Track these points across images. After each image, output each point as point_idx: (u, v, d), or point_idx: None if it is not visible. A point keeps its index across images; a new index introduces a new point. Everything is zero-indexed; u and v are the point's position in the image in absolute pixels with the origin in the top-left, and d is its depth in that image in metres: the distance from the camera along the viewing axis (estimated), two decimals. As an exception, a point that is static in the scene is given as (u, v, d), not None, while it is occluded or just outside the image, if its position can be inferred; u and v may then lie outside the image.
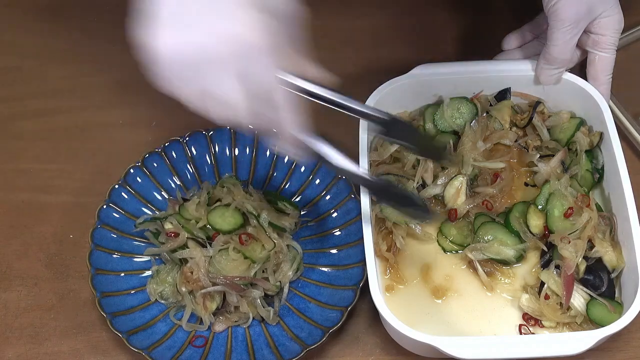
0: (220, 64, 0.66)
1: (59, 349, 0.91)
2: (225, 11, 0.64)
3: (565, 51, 0.92)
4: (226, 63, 0.66)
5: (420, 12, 1.13)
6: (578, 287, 0.84)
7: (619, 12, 0.93)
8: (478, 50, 1.07)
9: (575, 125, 0.94)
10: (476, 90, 0.97)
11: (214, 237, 0.91)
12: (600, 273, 0.85)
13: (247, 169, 0.99)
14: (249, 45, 0.65)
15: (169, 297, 0.91)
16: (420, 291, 0.89)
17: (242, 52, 0.65)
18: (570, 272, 0.84)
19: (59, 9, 1.17)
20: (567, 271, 0.84)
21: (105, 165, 1.03)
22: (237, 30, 0.64)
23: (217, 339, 0.89)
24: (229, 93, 0.68)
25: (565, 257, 0.85)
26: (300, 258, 0.93)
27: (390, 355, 0.89)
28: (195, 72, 0.66)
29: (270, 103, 0.69)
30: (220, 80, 0.67)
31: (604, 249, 0.86)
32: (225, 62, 0.66)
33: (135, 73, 1.11)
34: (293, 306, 0.91)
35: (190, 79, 0.67)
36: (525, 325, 0.86)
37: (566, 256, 0.85)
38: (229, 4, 0.65)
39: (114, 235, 0.94)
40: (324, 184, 0.97)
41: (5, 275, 0.96)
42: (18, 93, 1.10)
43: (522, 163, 0.95)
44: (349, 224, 0.94)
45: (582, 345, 0.78)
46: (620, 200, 0.86)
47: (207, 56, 0.65)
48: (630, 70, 1.02)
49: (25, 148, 1.06)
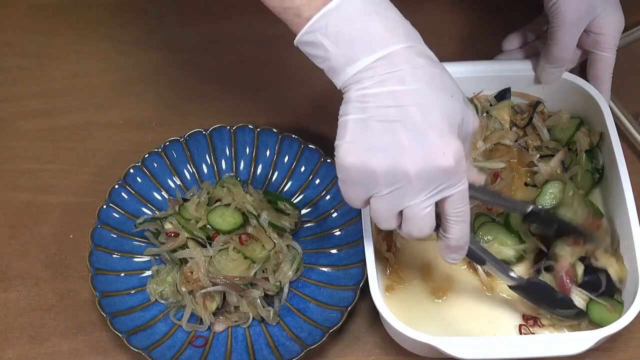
0: (420, 190, 0.69)
1: (59, 349, 0.91)
2: (424, 140, 0.67)
3: (565, 50, 0.92)
4: (426, 189, 0.69)
5: (420, 12, 1.13)
6: (577, 290, 0.84)
7: (620, 12, 0.93)
8: (478, 50, 1.07)
9: (575, 125, 0.94)
10: (476, 90, 0.97)
11: (214, 237, 0.91)
12: (599, 273, 0.85)
13: (247, 169, 0.99)
14: (449, 173, 0.68)
15: (169, 297, 0.91)
16: (420, 291, 0.89)
17: (441, 179, 0.69)
18: (563, 272, 0.84)
19: (59, 8, 1.17)
20: (560, 271, 0.84)
21: (105, 165, 1.03)
22: (439, 162, 0.67)
23: (217, 339, 0.89)
24: (426, 214, 0.71)
25: (561, 256, 0.85)
26: (300, 258, 0.93)
27: (390, 355, 0.89)
28: (393, 191, 0.69)
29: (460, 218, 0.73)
30: (419, 201, 0.70)
31: (608, 262, 0.86)
32: (425, 188, 0.69)
33: (135, 73, 1.12)
34: (293, 306, 0.91)
35: (386, 197, 0.70)
36: (525, 326, 0.86)
37: (561, 255, 0.84)
38: (428, 131, 0.67)
39: (114, 235, 0.94)
40: (324, 184, 0.97)
41: (5, 275, 0.96)
42: (18, 93, 1.10)
43: (522, 163, 0.95)
44: (349, 224, 0.94)
45: (582, 345, 0.78)
46: (620, 200, 0.86)
47: (402, 180, 0.68)
48: (630, 70, 1.02)
49: (25, 148, 1.06)
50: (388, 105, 0.67)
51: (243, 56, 1.12)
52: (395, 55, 0.67)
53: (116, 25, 1.16)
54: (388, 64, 0.67)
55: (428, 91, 0.67)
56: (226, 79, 1.10)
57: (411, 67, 0.67)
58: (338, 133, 0.69)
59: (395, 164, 0.67)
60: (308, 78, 1.00)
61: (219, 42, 1.13)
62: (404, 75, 0.67)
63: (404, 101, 0.67)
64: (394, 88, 0.67)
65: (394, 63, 0.67)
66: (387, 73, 0.67)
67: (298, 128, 1.00)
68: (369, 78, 0.67)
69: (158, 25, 1.15)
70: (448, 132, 0.67)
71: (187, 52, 1.13)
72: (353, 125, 0.68)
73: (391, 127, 0.67)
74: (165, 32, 1.15)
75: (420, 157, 0.67)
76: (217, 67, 1.11)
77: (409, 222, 0.71)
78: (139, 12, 1.17)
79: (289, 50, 0.74)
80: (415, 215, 0.70)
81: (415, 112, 0.67)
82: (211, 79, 1.10)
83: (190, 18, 1.16)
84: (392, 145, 0.67)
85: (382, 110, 0.67)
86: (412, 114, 0.67)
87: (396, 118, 0.67)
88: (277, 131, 0.98)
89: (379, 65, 0.67)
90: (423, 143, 0.67)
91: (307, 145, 0.97)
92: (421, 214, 0.70)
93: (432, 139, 0.67)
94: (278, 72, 1.09)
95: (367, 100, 0.67)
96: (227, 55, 1.12)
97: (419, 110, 0.67)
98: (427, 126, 0.67)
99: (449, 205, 0.71)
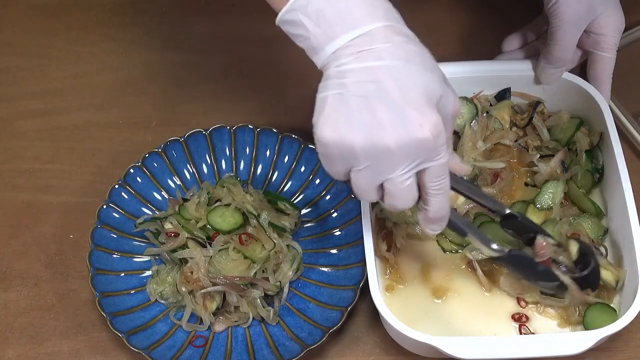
0: (399, 163, 0.69)
1: (59, 349, 0.91)
2: (402, 114, 0.67)
3: (565, 50, 0.92)
4: (405, 162, 0.69)
5: (420, 12, 1.13)
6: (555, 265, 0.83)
7: (620, 12, 0.93)
8: (478, 50, 1.07)
9: (575, 125, 0.94)
10: (476, 90, 0.97)
11: (214, 237, 0.91)
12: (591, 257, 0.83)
13: (247, 169, 0.99)
14: (428, 146, 0.68)
15: (169, 297, 0.91)
16: (420, 291, 0.89)
17: (420, 153, 0.69)
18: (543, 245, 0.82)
19: (58, 8, 1.17)
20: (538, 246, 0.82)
21: (105, 165, 1.03)
22: (416, 135, 0.68)
23: (217, 339, 0.89)
24: (407, 187, 0.71)
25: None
26: (300, 258, 0.93)
27: (390, 355, 0.89)
28: (373, 165, 0.70)
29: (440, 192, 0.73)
30: (399, 175, 0.70)
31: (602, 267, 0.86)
32: (404, 161, 0.69)
33: (135, 73, 1.12)
34: (293, 306, 0.91)
35: (366, 171, 0.70)
36: (525, 326, 0.86)
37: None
38: (406, 105, 0.67)
39: (114, 235, 0.94)
40: (324, 184, 0.97)
41: (5, 275, 0.96)
42: (18, 93, 1.10)
43: (522, 163, 0.95)
44: (349, 224, 0.94)
45: (582, 345, 0.78)
46: (620, 200, 0.86)
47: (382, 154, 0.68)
48: (630, 70, 1.02)
49: (25, 148, 1.06)
50: (365, 81, 0.68)
51: (243, 56, 1.12)
52: (374, 34, 0.68)
53: (116, 25, 1.16)
54: (366, 41, 0.68)
55: (406, 67, 0.68)
56: (226, 79, 1.10)
57: (389, 44, 0.68)
58: (316, 109, 0.70)
59: (373, 138, 0.68)
60: (308, 78, 0.99)
61: (219, 42, 1.13)
62: (381, 51, 0.68)
63: (381, 77, 0.67)
64: (371, 64, 0.68)
65: (372, 40, 0.68)
66: (364, 50, 0.68)
67: (298, 128, 1.00)
68: (347, 55, 0.68)
69: (158, 25, 1.15)
70: (425, 106, 0.68)
71: (187, 52, 1.13)
72: (331, 101, 0.69)
73: (368, 102, 0.68)
74: (165, 32, 1.15)
75: (398, 130, 0.67)
76: (217, 67, 1.11)
77: (389, 195, 0.72)
78: (139, 12, 1.17)
79: (289, 50, 0.74)
80: (395, 188, 0.71)
81: (393, 87, 0.67)
82: (211, 79, 1.10)
83: (191, 18, 1.16)
84: (369, 120, 0.68)
85: (359, 85, 0.68)
86: (389, 89, 0.67)
87: (373, 93, 0.68)
88: (277, 131, 0.98)
89: (357, 42, 0.68)
90: (400, 117, 0.67)
91: (307, 145, 0.97)
92: (401, 187, 0.71)
93: (409, 112, 0.67)
94: (278, 72, 1.09)
95: (345, 77, 0.68)
96: (227, 55, 1.12)
97: (396, 85, 0.67)
98: (404, 100, 0.67)
99: (427, 178, 0.71)
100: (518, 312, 0.87)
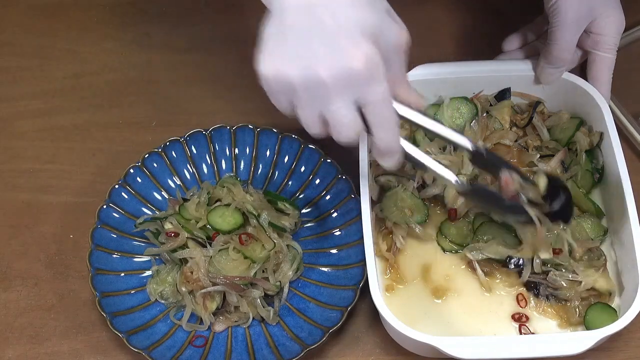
0: (335, 95, 0.70)
1: (59, 349, 0.91)
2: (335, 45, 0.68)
3: (565, 50, 0.92)
4: (341, 94, 0.70)
5: (420, 12, 1.13)
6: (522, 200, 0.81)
7: (620, 12, 0.93)
8: (478, 50, 1.07)
9: (575, 125, 0.94)
10: (476, 90, 0.97)
11: (214, 237, 0.91)
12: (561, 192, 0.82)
13: (247, 169, 0.99)
14: (361, 77, 0.69)
15: (169, 297, 0.91)
16: (420, 291, 0.89)
17: (355, 84, 0.69)
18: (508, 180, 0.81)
19: (58, 8, 1.17)
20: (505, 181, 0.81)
21: (105, 165, 1.03)
22: (348, 65, 0.68)
23: (217, 339, 0.89)
24: (346, 118, 0.71)
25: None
26: (300, 258, 0.93)
27: (390, 355, 0.89)
28: (311, 98, 0.70)
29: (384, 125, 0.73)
30: (337, 107, 0.70)
31: (593, 278, 0.86)
32: (340, 93, 0.70)
33: (135, 73, 1.12)
34: (293, 306, 0.91)
35: (305, 104, 0.71)
36: (525, 326, 0.86)
37: None
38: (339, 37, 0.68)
39: (114, 235, 0.94)
40: (324, 184, 0.97)
41: (5, 275, 0.96)
42: (18, 93, 1.10)
43: (522, 163, 0.95)
44: (349, 224, 0.94)
45: (582, 345, 0.78)
46: (620, 200, 0.86)
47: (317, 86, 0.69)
48: (630, 70, 1.02)
49: (25, 148, 1.06)
50: (303, 15, 0.68)
51: (243, 56, 1.11)
52: None
53: (116, 25, 1.16)
54: None
55: (343, 1, 0.69)
56: (226, 79, 1.10)
57: None
58: (257, 47, 0.71)
59: (308, 70, 0.69)
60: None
61: (219, 42, 1.13)
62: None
63: (317, 11, 0.68)
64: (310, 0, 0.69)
65: None
66: None
67: (298, 128, 0.99)
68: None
69: (158, 25, 1.15)
70: (360, 37, 0.68)
71: (187, 52, 1.13)
72: (270, 37, 0.70)
73: (304, 35, 0.68)
74: (165, 32, 1.15)
75: (332, 62, 0.68)
76: (217, 67, 1.11)
77: (332, 128, 0.72)
78: (139, 12, 1.17)
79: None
80: (336, 120, 0.71)
81: (327, 19, 0.68)
82: (211, 79, 1.10)
83: (190, 18, 1.16)
84: (304, 52, 0.68)
85: (296, 20, 0.69)
86: (324, 21, 0.68)
87: (309, 27, 0.68)
88: (277, 131, 0.98)
89: None
90: (333, 48, 0.68)
91: (307, 145, 0.97)
92: (343, 120, 0.71)
93: (342, 43, 0.68)
94: (278, 72, 1.09)
95: (284, 13, 0.69)
96: (227, 55, 1.11)
97: (331, 16, 0.68)
98: (338, 31, 0.68)
99: (368, 111, 0.72)
100: (518, 312, 0.87)
